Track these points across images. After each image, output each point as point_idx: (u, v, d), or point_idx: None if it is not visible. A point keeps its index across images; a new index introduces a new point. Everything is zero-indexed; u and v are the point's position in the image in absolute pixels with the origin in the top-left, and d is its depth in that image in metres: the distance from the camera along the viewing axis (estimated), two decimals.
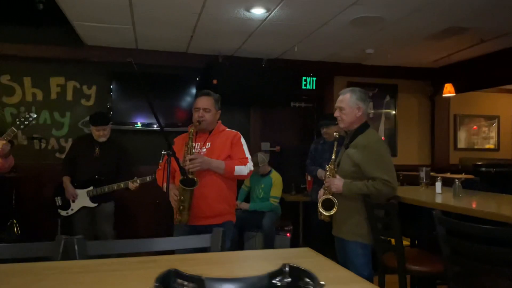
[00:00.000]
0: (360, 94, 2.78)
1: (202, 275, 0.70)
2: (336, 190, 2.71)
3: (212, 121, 2.94)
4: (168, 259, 1.23)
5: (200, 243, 1.41)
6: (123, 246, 1.21)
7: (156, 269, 0.70)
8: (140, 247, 1.21)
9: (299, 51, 5.47)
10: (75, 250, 1.15)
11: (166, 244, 1.30)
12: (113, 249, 1.20)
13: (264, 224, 4.77)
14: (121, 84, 5.43)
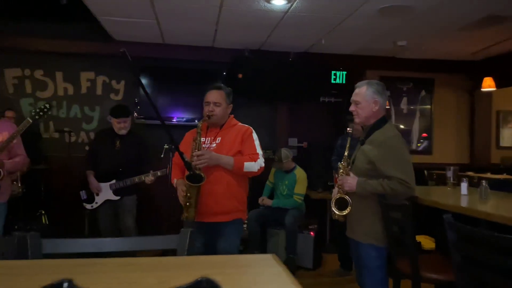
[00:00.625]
0: (377, 86, 2.61)
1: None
2: (349, 188, 2.57)
3: (222, 115, 2.86)
4: (105, 264, 1.13)
5: (166, 244, 1.31)
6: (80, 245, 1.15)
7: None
8: (99, 247, 1.14)
9: (328, 45, 5.29)
10: (28, 248, 1.11)
11: (126, 244, 1.22)
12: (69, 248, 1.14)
13: (287, 221, 4.65)
14: (148, 78, 5.47)
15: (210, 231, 2.79)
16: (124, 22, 4.57)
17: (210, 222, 2.75)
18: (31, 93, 5.41)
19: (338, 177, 2.66)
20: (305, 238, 4.77)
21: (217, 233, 2.78)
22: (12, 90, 5.37)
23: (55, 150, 5.39)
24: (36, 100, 5.43)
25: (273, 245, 4.88)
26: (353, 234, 2.66)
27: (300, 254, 4.72)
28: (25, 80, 5.40)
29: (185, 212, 2.64)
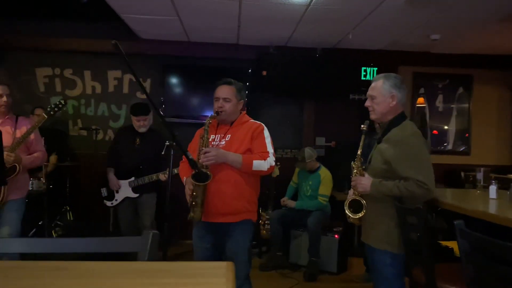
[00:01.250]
0: (394, 80, 2.42)
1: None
2: (363, 190, 2.39)
3: (232, 111, 2.75)
4: (36, 266, 1.01)
5: (127, 247, 1.20)
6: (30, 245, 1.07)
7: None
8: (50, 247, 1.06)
9: (356, 40, 5.08)
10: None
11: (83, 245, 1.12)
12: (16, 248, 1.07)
13: (309, 223, 4.49)
14: (173, 77, 5.47)
15: (218, 232, 2.69)
16: (146, 20, 4.57)
17: (218, 223, 2.65)
18: (60, 91, 5.54)
19: (352, 177, 2.49)
20: (329, 241, 4.59)
21: (225, 234, 2.68)
22: (43, 89, 5.51)
23: (82, 147, 5.49)
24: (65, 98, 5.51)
25: (296, 247, 4.73)
26: (367, 239, 2.48)
27: (324, 258, 4.54)
28: (55, 79, 5.53)
29: (192, 212, 2.56)
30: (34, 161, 3.23)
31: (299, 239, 4.71)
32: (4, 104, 3.24)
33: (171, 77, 5.44)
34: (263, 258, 4.98)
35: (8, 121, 3.30)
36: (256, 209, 2.79)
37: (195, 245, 2.76)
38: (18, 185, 3.24)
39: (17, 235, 3.22)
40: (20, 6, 4.99)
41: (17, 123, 3.32)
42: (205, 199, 2.55)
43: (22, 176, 3.25)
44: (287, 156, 5.69)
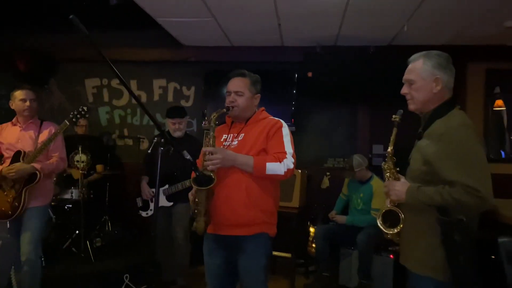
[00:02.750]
0: (438, 59, 1.92)
1: None
2: (397, 197, 1.91)
3: (246, 106, 2.40)
4: None
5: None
6: None
7: None
8: None
9: (414, 34, 4.50)
10: None
11: None
12: None
13: (359, 240, 3.95)
14: (216, 84, 5.24)
15: (230, 246, 2.32)
16: (182, 23, 4.40)
17: (229, 236, 2.29)
18: (108, 101, 5.57)
19: (384, 182, 2.01)
20: (384, 262, 4.01)
21: (238, 249, 2.30)
22: (92, 99, 5.57)
23: (129, 157, 5.44)
24: (112, 108, 5.56)
25: (345, 267, 4.20)
26: (406, 261, 1.97)
27: (377, 280, 3.97)
28: (103, 89, 5.57)
29: (195, 222, 2.22)
30: (49, 167, 3.12)
31: (349, 259, 4.18)
32: (27, 108, 3.19)
33: (213, 84, 5.22)
34: (309, 279, 4.50)
35: (31, 126, 3.24)
36: (274, 221, 2.39)
37: (206, 262, 2.42)
38: (40, 192, 3.15)
39: (37, 243, 3.11)
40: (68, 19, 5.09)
41: (41, 127, 3.25)
42: (209, 207, 2.21)
43: (44, 183, 3.15)
44: (339, 166, 5.17)
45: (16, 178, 3.01)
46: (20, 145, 3.15)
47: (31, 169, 3.02)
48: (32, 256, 3.03)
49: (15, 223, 3.08)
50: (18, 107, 3.20)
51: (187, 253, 3.99)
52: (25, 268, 3.04)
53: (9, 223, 3.04)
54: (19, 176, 2.99)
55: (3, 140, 3.19)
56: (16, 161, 3.04)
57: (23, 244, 3.04)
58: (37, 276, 3.11)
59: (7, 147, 3.16)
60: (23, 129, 3.22)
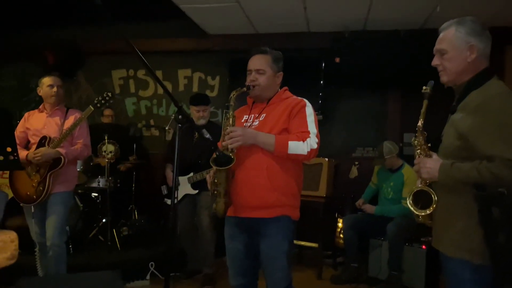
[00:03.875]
0: (472, 25, 1.76)
1: None
2: (429, 176, 1.76)
3: (268, 85, 2.30)
4: None
5: None
6: None
7: None
8: None
9: (448, 16, 4.21)
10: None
11: None
12: None
13: (389, 230, 3.79)
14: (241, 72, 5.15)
15: (251, 230, 2.24)
16: (206, 10, 4.34)
17: (249, 218, 2.20)
18: (134, 92, 5.59)
19: (415, 160, 1.87)
20: (415, 253, 3.83)
21: (258, 232, 2.21)
22: (119, 90, 5.61)
23: (155, 147, 5.44)
24: (138, 99, 5.58)
25: (375, 258, 4.04)
26: (439, 244, 1.82)
27: (408, 272, 3.79)
28: (129, 80, 5.60)
29: (214, 203, 2.15)
30: (73, 153, 3.12)
31: (379, 250, 4.02)
32: (54, 94, 3.21)
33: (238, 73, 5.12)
34: (337, 270, 4.37)
35: (57, 112, 3.26)
36: (297, 204, 2.28)
37: (227, 245, 2.34)
38: (64, 178, 3.16)
39: (62, 228, 3.13)
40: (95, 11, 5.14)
41: (67, 114, 3.27)
42: (229, 188, 2.13)
43: (68, 168, 3.16)
44: (368, 155, 5.00)
45: (41, 163, 3.02)
46: (46, 131, 3.17)
47: (55, 153, 3.03)
48: (56, 240, 3.05)
49: (40, 208, 3.10)
50: (46, 93, 3.22)
51: (212, 241, 3.94)
52: (50, 253, 3.06)
53: (33, 207, 3.07)
54: (44, 160, 3.01)
55: (30, 126, 3.22)
56: (41, 146, 3.07)
57: (48, 229, 3.06)
58: (63, 260, 3.12)
59: (33, 133, 3.19)
60: (49, 116, 3.24)
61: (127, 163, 4.80)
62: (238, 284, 2.31)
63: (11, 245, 0.97)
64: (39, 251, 3.21)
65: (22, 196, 3.09)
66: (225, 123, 2.21)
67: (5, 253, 0.94)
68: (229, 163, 2.07)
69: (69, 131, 3.09)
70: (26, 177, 3.07)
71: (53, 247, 3.04)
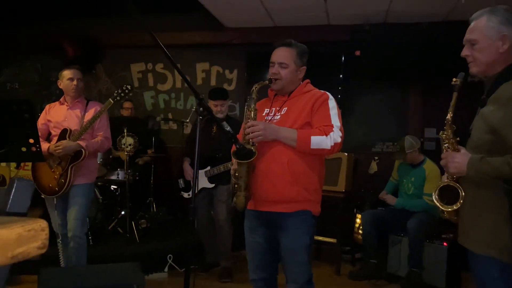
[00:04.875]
0: (505, 14, 1.70)
1: None
2: (457, 171, 1.71)
3: (290, 80, 2.27)
4: None
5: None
6: None
7: None
8: None
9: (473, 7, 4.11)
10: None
11: None
12: None
13: (409, 226, 3.73)
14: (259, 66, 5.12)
15: (271, 224, 2.22)
16: (225, 2, 4.31)
17: (269, 212, 2.18)
18: (152, 86, 5.61)
19: (442, 154, 1.82)
20: (437, 249, 3.77)
21: (278, 226, 2.19)
22: (137, 84, 5.63)
23: (173, 140, 5.46)
24: (156, 93, 5.60)
25: (394, 255, 3.99)
26: (465, 240, 1.78)
27: (429, 269, 3.74)
28: (147, 74, 5.62)
29: (234, 197, 2.14)
30: (93, 145, 3.14)
31: (398, 246, 3.96)
32: (74, 87, 3.23)
33: (256, 66, 5.11)
34: (356, 266, 4.33)
35: (77, 105, 3.29)
36: (318, 199, 2.26)
37: (247, 239, 2.33)
38: (85, 170, 3.19)
39: (83, 219, 3.16)
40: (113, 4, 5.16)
41: (87, 107, 3.29)
42: (250, 181, 2.11)
43: (89, 161, 3.19)
44: (388, 150, 4.91)
45: (62, 155, 3.06)
46: (67, 123, 3.20)
47: (76, 146, 3.06)
48: (78, 232, 3.08)
49: (62, 200, 3.14)
50: (66, 86, 3.25)
51: (229, 235, 3.94)
52: (71, 244, 3.10)
53: (55, 199, 3.10)
54: (65, 153, 3.03)
55: (51, 118, 3.26)
56: (62, 139, 3.10)
57: (70, 220, 3.09)
58: (84, 252, 3.16)
59: (54, 125, 3.23)
60: (70, 108, 3.27)
61: (146, 156, 4.83)
62: (258, 278, 2.30)
63: (41, 234, 0.96)
64: (61, 242, 3.25)
65: (44, 188, 3.12)
66: (246, 115, 2.18)
67: (36, 242, 0.93)
68: (250, 157, 2.05)
69: (89, 124, 3.12)
70: (48, 170, 3.10)
71: (74, 238, 3.08)
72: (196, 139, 4.04)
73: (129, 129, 4.50)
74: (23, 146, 2.27)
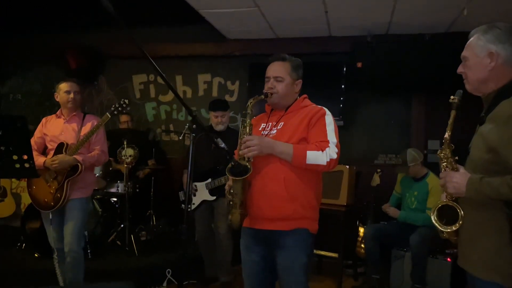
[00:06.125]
0: (496, 31, 1.66)
1: None
2: (455, 191, 1.66)
3: (286, 93, 2.24)
4: None
5: None
6: None
7: None
8: None
9: (476, 19, 4.08)
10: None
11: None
12: None
13: (412, 241, 3.66)
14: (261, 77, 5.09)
15: (268, 242, 2.17)
16: (226, 14, 4.30)
17: (265, 230, 2.14)
18: (154, 97, 5.60)
19: (441, 172, 1.77)
20: (440, 265, 3.69)
21: (275, 245, 2.14)
22: (139, 95, 5.63)
23: (174, 152, 5.44)
24: (158, 104, 5.59)
25: (397, 269, 3.91)
26: (465, 263, 1.72)
27: (432, 285, 3.65)
28: (149, 85, 5.61)
29: (229, 214, 2.09)
30: (90, 160, 3.11)
31: (401, 261, 3.88)
32: (71, 100, 3.21)
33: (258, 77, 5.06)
34: (358, 281, 4.25)
35: (74, 118, 3.26)
36: (315, 216, 2.20)
37: (243, 257, 2.28)
38: (81, 184, 3.16)
39: (80, 234, 3.12)
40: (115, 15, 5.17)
41: (84, 120, 3.26)
42: (245, 198, 2.07)
43: (85, 175, 3.16)
44: (391, 163, 4.86)
45: (58, 170, 3.03)
46: (63, 137, 3.17)
47: (73, 161, 3.03)
48: (74, 247, 3.05)
49: (58, 215, 3.11)
50: (63, 99, 3.23)
51: (229, 249, 3.88)
52: (68, 259, 3.06)
53: (51, 214, 3.07)
54: (61, 167, 3.01)
55: (47, 132, 3.23)
56: (59, 153, 3.07)
57: (66, 235, 3.06)
58: (81, 266, 3.12)
59: (51, 139, 3.20)
60: (67, 122, 3.24)
61: (146, 168, 4.80)
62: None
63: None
64: (57, 257, 3.21)
65: (40, 203, 3.10)
66: (242, 131, 2.15)
67: None
68: (245, 173, 2.01)
69: (86, 138, 3.09)
70: (44, 184, 3.08)
71: (71, 253, 3.04)
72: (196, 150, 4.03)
73: (130, 140, 4.48)
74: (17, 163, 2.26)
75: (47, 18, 5.28)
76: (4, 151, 2.21)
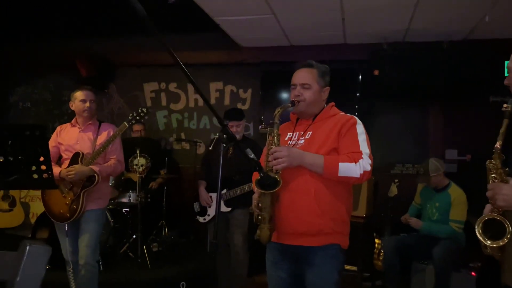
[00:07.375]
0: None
1: None
2: (505, 204, 1.56)
3: (313, 101, 2.15)
4: None
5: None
6: None
7: None
8: None
9: (497, 25, 4.03)
10: None
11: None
12: None
13: (435, 254, 3.54)
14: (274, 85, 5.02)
15: (297, 258, 2.07)
16: (241, 22, 4.23)
17: (294, 245, 2.03)
18: (165, 105, 5.54)
19: (489, 184, 1.67)
20: (464, 279, 3.58)
21: (305, 261, 2.04)
22: (150, 103, 5.56)
23: (186, 161, 5.36)
24: (169, 112, 5.52)
25: (418, 284, 3.79)
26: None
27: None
28: (161, 93, 5.55)
29: (258, 229, 1.99)
30: (106, 170, 3.03)
31: (422, 274, 3.77)
32: (87, 109, 3.13)
33: (271, 85, 5.00)
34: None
35: (90, 127, 3.19)
36: (347, 231, 2.10)
37: (269, 273, 2.18)
38: (97, 195, 3.07)
39: (95, 246, 3.03)
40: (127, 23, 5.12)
41: (100, 129, 3.18)
42: (274, 213, 1.97)
43: (101, 185, 3.07)
44: (408, 172, 4.76)
45: (74, 180, 2.94)
46: (79, 146, 3.09)
47: (89, 171, 2.95)
48: (90, 259, 2.96)
49: (73, 226, 3.01)
50: (78, 107, 3.15)
51: (245, 262, 3.77)
52: (82, 272, 2.96)
53: (67, 225, 2.98)
54: (78, 178, 2.93)
55: (62, 141, 3.15)
56: (74, 162, 2.99)
57: (81, 248, 2.97)
58: (95, 279, 3.02)
59: (66, 148, 3.12)
60: (82, 131, 3.17)
61: (159, 177, 4.72)
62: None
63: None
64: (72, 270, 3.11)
65: (55, 214, 3.01)
66: (269, 142, 2.06)
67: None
68: (275, 186, 1.91)
69: (102, 148, 3.01)
70: (59, 194, 2.99)
71: (86, 266, 2.95)
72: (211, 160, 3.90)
73: (142, 149, 4.40)
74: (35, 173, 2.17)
75: (57, 26, 5.23)
76: (22, 161, 2.12)
